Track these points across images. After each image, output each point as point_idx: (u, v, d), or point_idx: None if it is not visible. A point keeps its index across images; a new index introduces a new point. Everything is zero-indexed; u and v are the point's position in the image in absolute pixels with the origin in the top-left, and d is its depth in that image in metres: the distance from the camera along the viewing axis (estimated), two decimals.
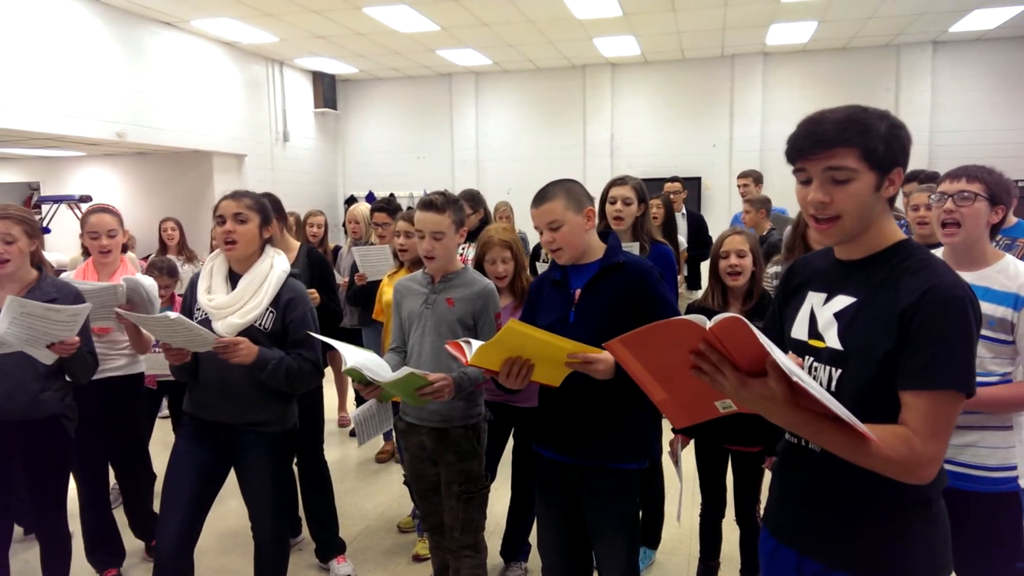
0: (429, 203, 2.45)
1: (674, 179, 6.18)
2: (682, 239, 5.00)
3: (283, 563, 2.64)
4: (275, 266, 2.49)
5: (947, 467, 1.99)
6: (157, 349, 3.16)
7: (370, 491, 4.28)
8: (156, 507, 3.41)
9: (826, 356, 1.43)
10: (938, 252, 2.12)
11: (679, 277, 4.10)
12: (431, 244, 2.43)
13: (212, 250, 2.86)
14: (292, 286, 2.50)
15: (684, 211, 5.98)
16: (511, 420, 3.04)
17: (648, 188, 3.29)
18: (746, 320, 1.16)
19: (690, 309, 2.67)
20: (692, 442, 2.79)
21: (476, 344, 1.94)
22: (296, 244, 3.44)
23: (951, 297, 1.28)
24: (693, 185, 9.56)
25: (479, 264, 3.07)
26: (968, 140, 9.99)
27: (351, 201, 10.87)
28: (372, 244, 4.49)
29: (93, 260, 3.14)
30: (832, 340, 1.41)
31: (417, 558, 3.37)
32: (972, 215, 2.00)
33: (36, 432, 2.62)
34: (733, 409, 1.34)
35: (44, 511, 2.73)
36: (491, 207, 5.27)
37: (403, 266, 3.47)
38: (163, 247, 5.76)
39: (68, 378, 2.71)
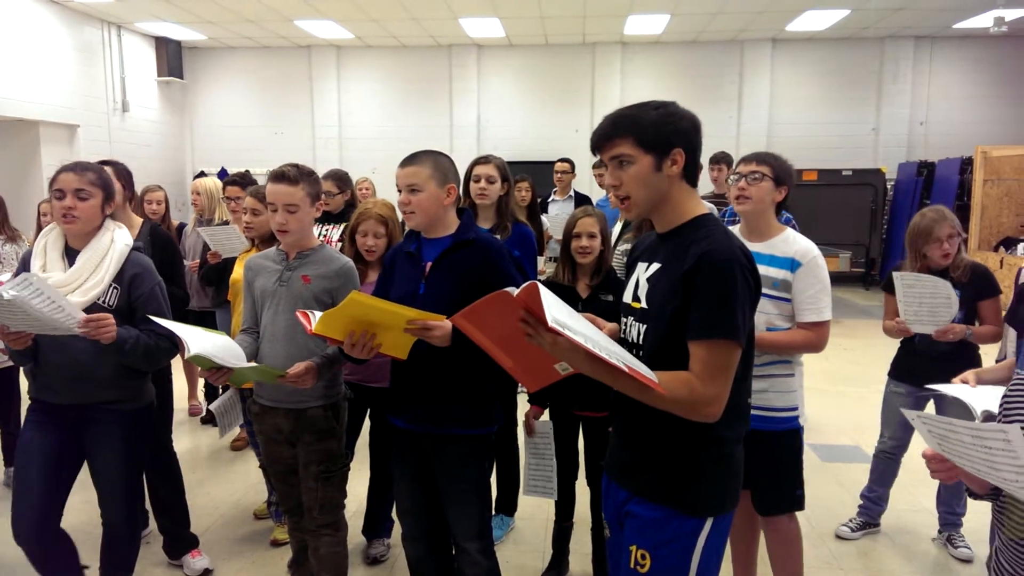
0: (281, 175, 2.37)
1: (563, 160, 6.34)
2: (546, 220, 5.10)
3: (134, 549, 2.57)
4: (116, 240, 2.37)
5: None
6: None
7: (224, 480, 4.09)
8: None
9: (638, 315, 1.64)
10: (736, 228, 2.49)
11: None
12: (284, 217, 2.35)
13: (40, 228, 2.62)
14: (137, 260, 2.39)
15: (572, 193, 6.19)
16: (367, 400, 3.01)
17: (513, 170, 3.37)
18: (540, 285, 1.31)
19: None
20: (547, 411, 2.89)
21: (320, 313, 1.91)
22: (138, 221, 3.22)
23: (721, 260, 1.48)
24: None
25: (351, 236, 3.00)
26: (802, 132, 10.92)
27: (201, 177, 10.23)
28: (224, 222, 4.28)
29: None
30: (644, 301, 1.63)
31: (275, 543, 3.28)
32: (759, 192, 2.37)
33: None
34: (571, 371, 1.48)
35: None
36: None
37: (254, 245, 3.32)
38: None
39: None
